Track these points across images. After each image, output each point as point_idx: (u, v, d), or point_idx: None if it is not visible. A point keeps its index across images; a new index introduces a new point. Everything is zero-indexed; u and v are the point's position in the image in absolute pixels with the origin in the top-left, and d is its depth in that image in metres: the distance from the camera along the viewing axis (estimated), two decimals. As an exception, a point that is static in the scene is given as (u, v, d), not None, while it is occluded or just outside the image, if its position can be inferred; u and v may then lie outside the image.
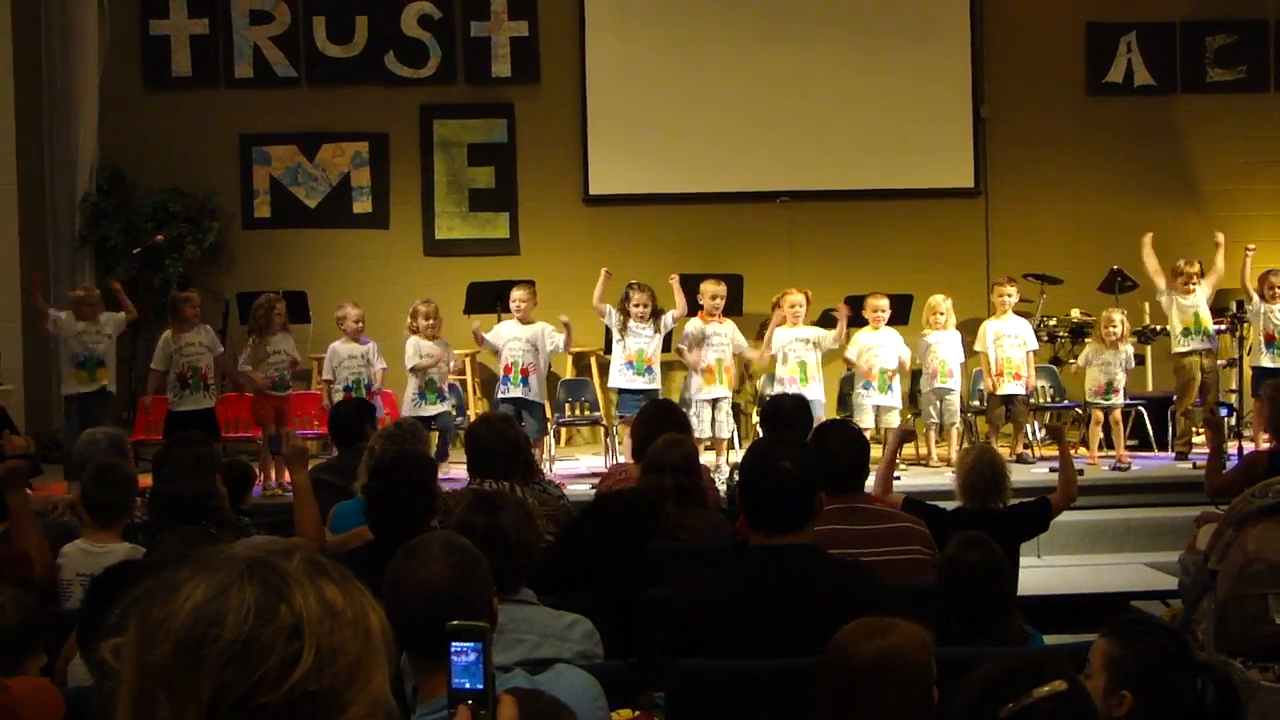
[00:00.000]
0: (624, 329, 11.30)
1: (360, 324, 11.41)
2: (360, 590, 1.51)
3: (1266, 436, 8.71)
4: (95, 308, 11.32)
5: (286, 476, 10.87)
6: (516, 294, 11.52)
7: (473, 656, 1.95)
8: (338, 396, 11.06)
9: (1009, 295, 11.99)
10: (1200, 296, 11.89)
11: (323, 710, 1.40)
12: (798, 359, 11.54)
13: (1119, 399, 11.74)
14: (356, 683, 1.43)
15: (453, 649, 1.94)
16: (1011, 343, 11.91)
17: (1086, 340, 12.42)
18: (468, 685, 1.94)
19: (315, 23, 14.34)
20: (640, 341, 11.28)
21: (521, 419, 10.79)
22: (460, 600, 3.01)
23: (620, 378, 11.35)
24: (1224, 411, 7.75)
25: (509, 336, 11.39)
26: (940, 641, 3.81)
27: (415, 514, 5.15)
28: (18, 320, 13.40)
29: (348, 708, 1.41)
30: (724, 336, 11.48)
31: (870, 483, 6.29)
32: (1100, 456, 11.70)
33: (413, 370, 11.29)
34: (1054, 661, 2.76)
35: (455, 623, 1.96)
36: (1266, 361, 11.73)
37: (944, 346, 11.75)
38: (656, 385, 11.25)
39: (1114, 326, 11.74)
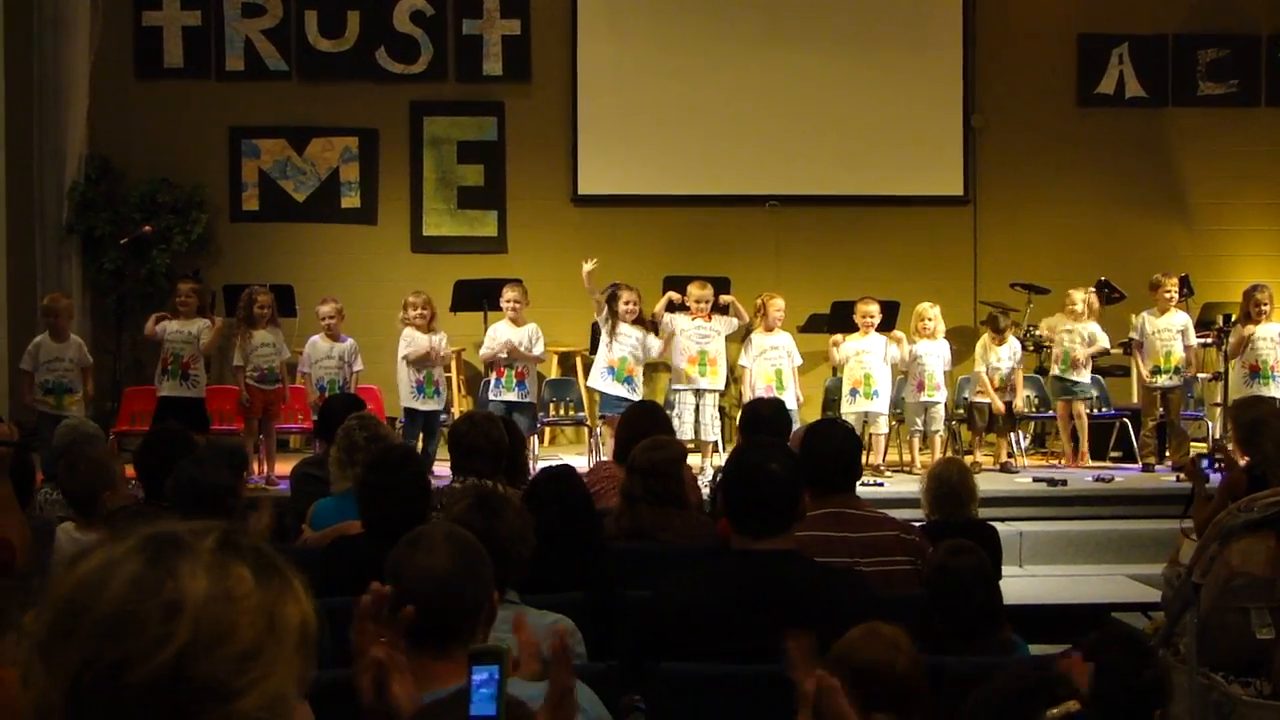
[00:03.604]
0: (613, 331, 11.27)
1: (331, 321, 11.35)
2: (286, 581, 1.44)
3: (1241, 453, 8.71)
4: (65, 317, 11.04)
5: (276, 470, 10.91)
6: (509, 295, 11.46)
7: (485, 676, 1.93)
8: (314, 394, 11.08)
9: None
10: (1175, 320, 11.91)
11: (201, 697, 1.33)
12: (774, 366, 11.55)
13: (1081, 376, 11.78)
14: (250, 672, 1.35)
15: (473, 672, 1.92)
16: (1005, 365, 11.95)
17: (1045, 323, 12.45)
18: (487, 713, 1.92)
19: (307, 17, 14.32)
20: (625, 350, 11.24)
21: (512, 419, 10.76)
22: (460, 592, 3.00)
23: (600, 380, 11.31)
24: (1205, 463, 7.78)
25: (503, 339, 11.34)
26: (929, 650, 3.81)
27: (413, 512, 5.15)
28: (3, 307, 13.36)
29: (235, 697, 1.34)
30: (710, 329, 11.45)
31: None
32: (1073, 463, 11.76)
33: (404, 359, 11.23)
34: (1067, 682, 2.74)
35: (476, 646, 1.94)
36: (1248, 393, 11.57)
37: (932, 359, 11.76)
38: (636, 396, 11.13)
39: (1074, 305, 11.84)
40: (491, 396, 11.38)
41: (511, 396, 11.26)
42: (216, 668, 1.33)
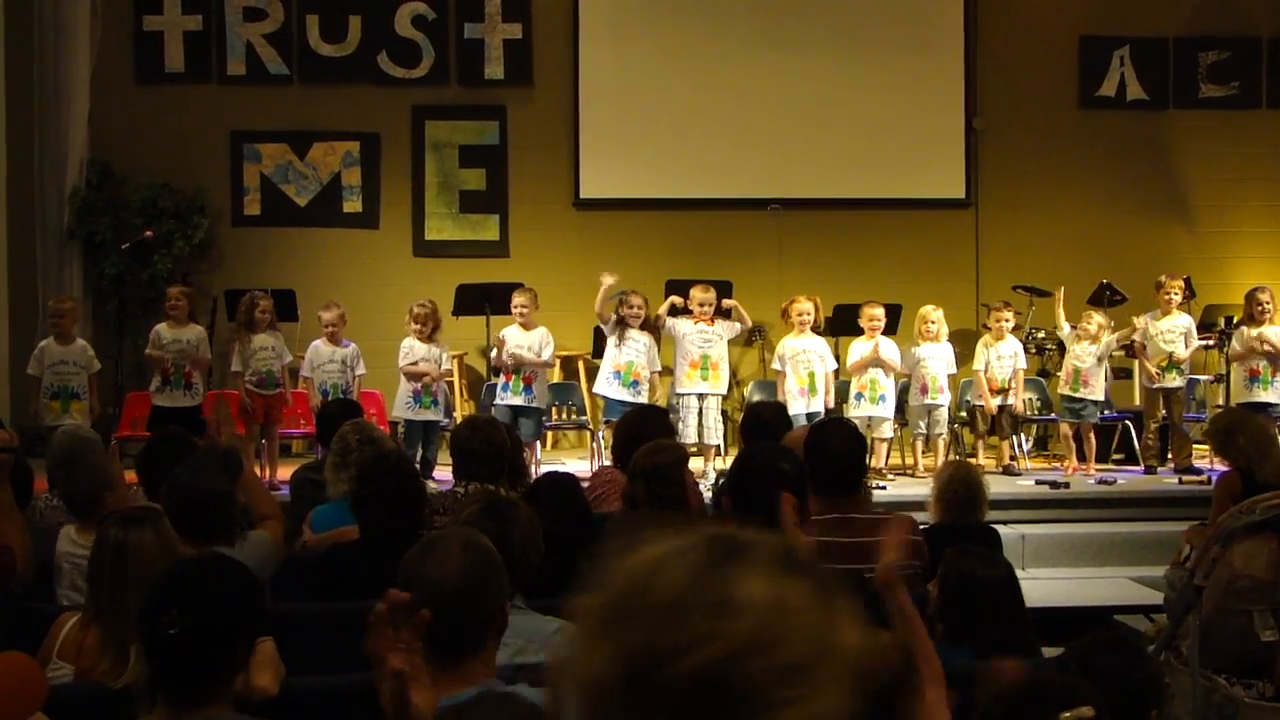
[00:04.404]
0: (621, 336, 11.27)
1: (334, 327, 11.34)
2: (842, 605, 1.40)
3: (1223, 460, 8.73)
4: (71, 320, 11.08)
5: (278, 474, 10.90)
6: (518, 300, 11.46)
7: None
8: (316, 398, 11.09)
9: (1006, 320, 11.99)
10: (1178, 322, 11.88)
11: (740, 700, 1.30)
12: (806, 370, 11.52)
13: (1089, 394, 11.70)
14: (795, 687, 1.32)
15: None
16: (1004, 363, 11.91)
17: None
18: None
19: (308, 21, 14.31)
20: (631, 354, 11.24)
21: (517, 423, 10.75)
22: (474, 601, 2.97)
23: (607, 386, 11.30)
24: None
25: (512, 344, 11.33)
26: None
27: (409, 519, 5.15)
28: (5, 313, 13.36)
29: (776, 708, 1.31)
30: (712, 333, 11.42)
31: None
32: (1077, 470, 11.73)
33: (402, 372, 11.26)
34: (1084, 689, 2.74)
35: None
36: (1248, 397, 11.65)
37: (935, 361, 11.74)
38: (642, 399, 11.14)
39: (1088, 324, 11.73)
40: (497, 400, 11.37)
41: (517, 401, 11.25)
42: (762, 675, 1.31)
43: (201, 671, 3.10)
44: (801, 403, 11.23)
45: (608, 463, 9.07)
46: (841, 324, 12.62)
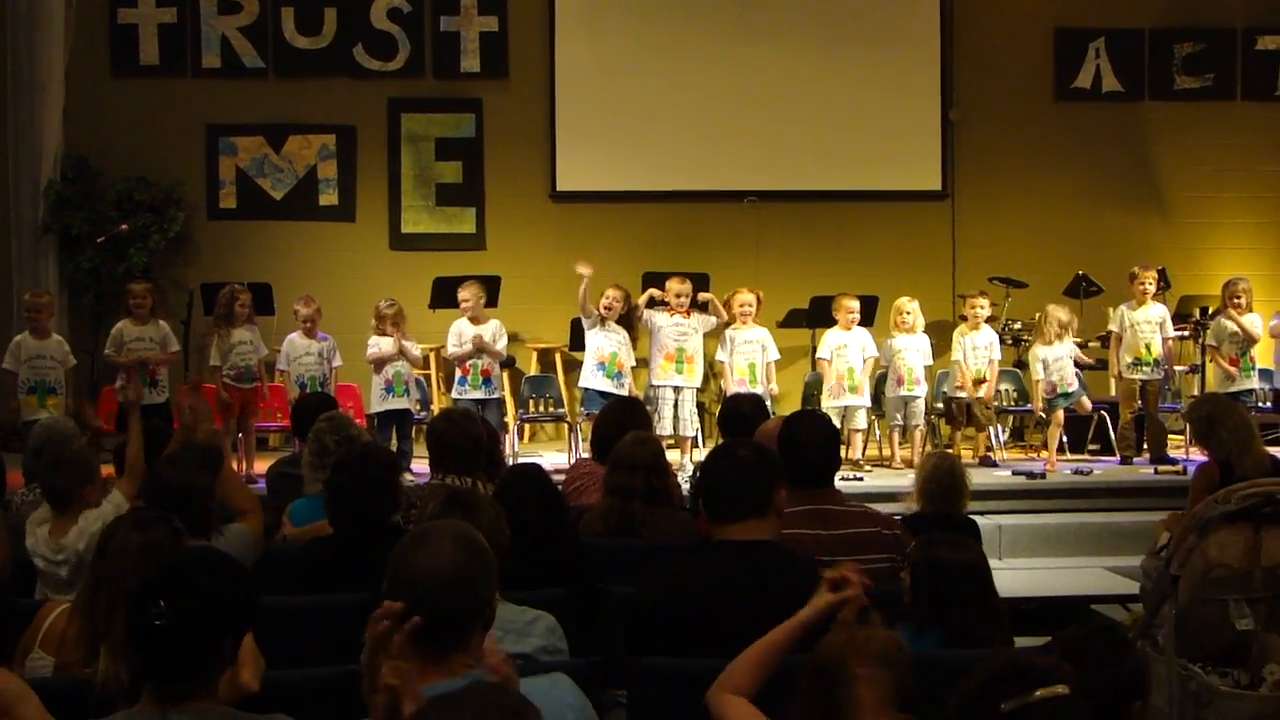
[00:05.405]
0: (602, 329, 11.27)
1: (310, 323, 11.34)
2: None
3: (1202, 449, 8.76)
4: (47, 314, 11.00)
5: (255, 468, 10.88)
6: (464, 294, 11.49)
7: None
8: (294, 391, 11.07)
9: (981, 308, 11.98)
10: (1153, 313, 11.87)
11: None
12: (747, 360, 11.53)
13: (1072, 389, 11.71)
14: None
15: None
16: (980, 353, 11.91)
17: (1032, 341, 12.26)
18: None
19: (284, 13, 14.27)
20: (613, 344, 11.25)
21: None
22: (464, 593, 2.95)
23: (591, 378, 11.31)
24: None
25: (467, 336, 11.36)
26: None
27: (377, 509, 5.15)
28: (-21, 307, 13.32)
29: None
30: (688, 326, 11.43)
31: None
32: (1060, 460, 11.74)
33: (370, 364, 11.26)
34: (1060, 669, 2.76)
35: None
36: (1230, 386, 11.67)
37: (911, 353, 11.74)
38: (624, 391, 11.15)
39: (1053, 326, 11.66)
40: (456, 395, 11.38)
41: (479, 394, 11.27)
42: None
43: (188, 665, 3.09)
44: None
45: (586, 455, 9.08)
46: (818, 316, 12.64)
